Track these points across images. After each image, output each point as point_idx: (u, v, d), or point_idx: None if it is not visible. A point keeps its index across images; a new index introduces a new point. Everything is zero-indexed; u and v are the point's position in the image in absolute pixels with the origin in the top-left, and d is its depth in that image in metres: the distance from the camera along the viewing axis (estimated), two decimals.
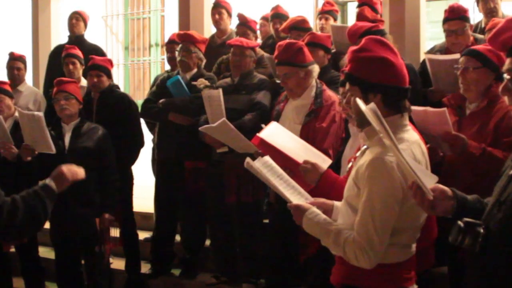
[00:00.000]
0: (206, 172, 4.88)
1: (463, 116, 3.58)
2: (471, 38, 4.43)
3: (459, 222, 1.99)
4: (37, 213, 2.60)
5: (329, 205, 2.49)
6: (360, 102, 2.17)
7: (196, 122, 4.69)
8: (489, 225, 2.00)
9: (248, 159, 2.51)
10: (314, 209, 2.38)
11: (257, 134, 3.33)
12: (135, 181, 5.24)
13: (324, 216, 2.37)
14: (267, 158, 2.59)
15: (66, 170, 2.76)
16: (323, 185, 2.84)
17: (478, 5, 5.11)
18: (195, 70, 5.04)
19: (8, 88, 4.99)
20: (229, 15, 5.92)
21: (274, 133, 3.37)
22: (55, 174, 2.75)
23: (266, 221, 4.73)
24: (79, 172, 2.85)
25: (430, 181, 2.09)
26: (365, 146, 2.37)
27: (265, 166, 2.53)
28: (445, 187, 2.09)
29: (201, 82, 4.73)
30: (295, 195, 2.50)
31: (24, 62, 5.95)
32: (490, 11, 4.96)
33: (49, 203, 2.66)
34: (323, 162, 3.08)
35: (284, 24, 5.48)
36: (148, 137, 5.51)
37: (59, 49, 6.34)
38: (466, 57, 3.51)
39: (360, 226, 2.21)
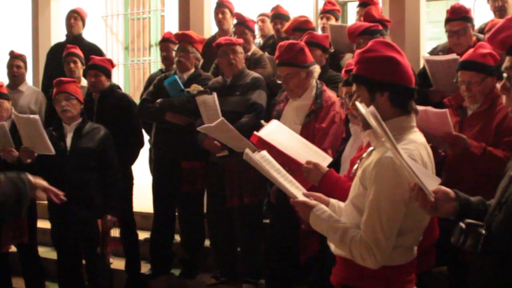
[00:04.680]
0: (203, 172, 4.88)
1: (465, 117, 3.59)
2: (474, 38, 4.37)
3: (461, 223, 1.98)
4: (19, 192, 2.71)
5: (325, 201, 2.48)
6: (360, 105, 2.15)
7: (193, 122, 4.69)
8: (490, 226, 1.99)
9: (247, 150, 2.49)
10: (322, 206, 2.38)
11: (255, 133, 3.30)
12: (135, 181, 5.24)
13: (331, 213, 2.36)
14: (265, 152, 2.58)
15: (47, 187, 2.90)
16: (325, 185, 2.83)
17: (488, 3, 5.14)
18: (192, 70, 5.03)
19: (4, 90, 4.92)
20: (232, 15, 5.91)
21: (273, 132, 3.34)
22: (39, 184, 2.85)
23: (266, 221, 4.73)
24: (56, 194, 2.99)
25: (432, 183, 2.07)
26: (371, 148, 2.36)
27: (263, 160, 2.52)
28: (447, 189, 2.07)
29: (194, 88, 4.71)
30: (293, 189, 2.49)
31: (24, 61, 5.91)
32: (499, 9, 4.97)
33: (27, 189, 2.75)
34: (324, 160, 3.08)
35: (287, 25, 5.47)
36: (147, 136, 5.51)
37: (57, 47, 6.34)
38: (467, 73, 3.48)
39: (367, 225, 2.20)
